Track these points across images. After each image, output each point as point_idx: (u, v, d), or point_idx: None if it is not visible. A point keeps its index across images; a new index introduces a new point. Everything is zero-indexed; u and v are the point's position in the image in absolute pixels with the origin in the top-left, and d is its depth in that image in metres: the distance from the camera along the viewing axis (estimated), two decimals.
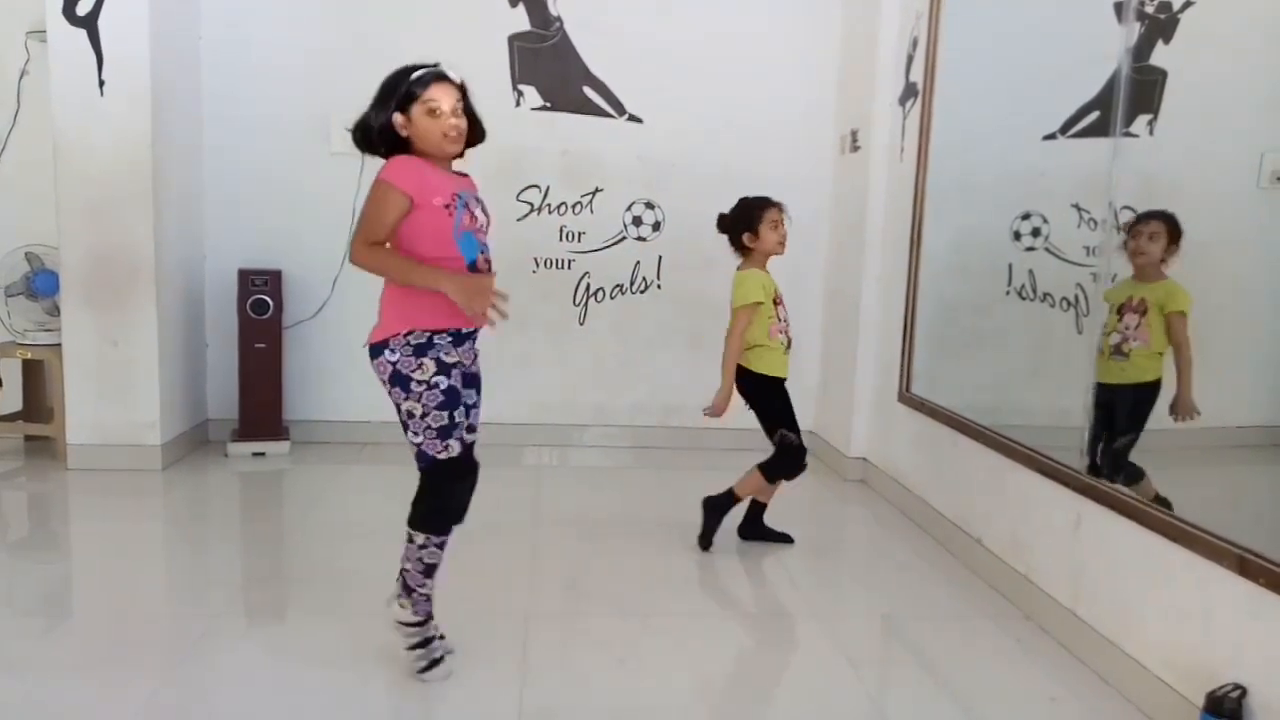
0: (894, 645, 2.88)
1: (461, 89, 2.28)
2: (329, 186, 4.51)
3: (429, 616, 2.37)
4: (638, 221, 4.81)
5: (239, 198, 4.56)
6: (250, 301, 4.34)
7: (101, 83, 3.91)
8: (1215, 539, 2.11)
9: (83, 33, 3.88)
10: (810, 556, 3.38)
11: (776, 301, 3.28)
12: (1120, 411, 2.94)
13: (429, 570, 2.32)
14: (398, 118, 2.22)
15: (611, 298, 4.85)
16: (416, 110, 2.21)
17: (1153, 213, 2.80)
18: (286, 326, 4.53)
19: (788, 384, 3.34)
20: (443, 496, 2.28)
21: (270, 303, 4.35)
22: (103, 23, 3.88)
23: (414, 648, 2.35)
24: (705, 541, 3.37)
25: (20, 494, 4.08)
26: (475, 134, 2.33)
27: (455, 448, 2.25)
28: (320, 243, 4.57)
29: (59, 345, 4.13)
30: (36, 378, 4.44)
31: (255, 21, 4.48)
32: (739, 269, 3.30)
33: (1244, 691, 1.98)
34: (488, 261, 2.34)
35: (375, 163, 2.29)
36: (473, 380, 2.40)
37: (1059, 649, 2.66)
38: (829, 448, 4.62)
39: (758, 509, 3.45)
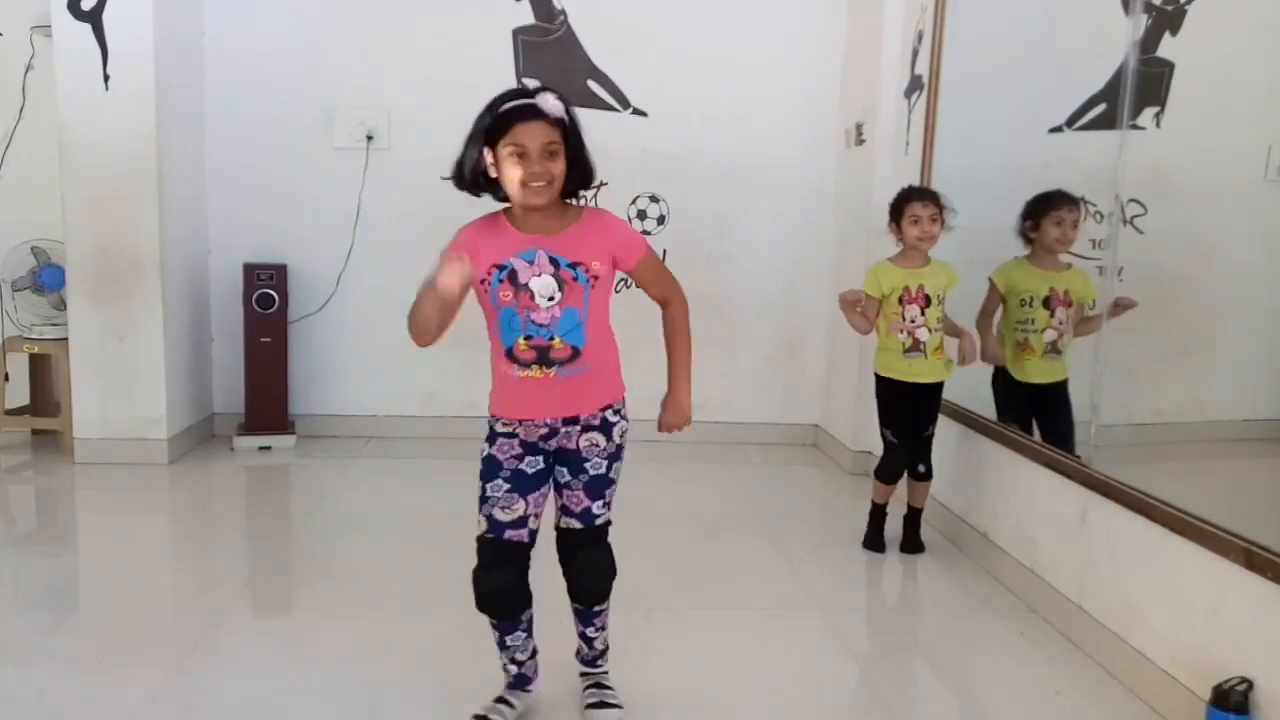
0: (897, 638, 2.88)
1: (563, 123, 1.89)
2: (334, 181, 4.51)
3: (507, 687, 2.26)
4: (642, 215, 4.80)
5: (243, 192, 4.55)
6: (256, 296, 4.34)
7: (106, 77, 3.91)
8: (1222, 532, 2.11)
9: (87, 27, 3.88)
10: (813, 549, 3.37)
11: (904, 300, 3.13)
12: (1057, 410, 2.97)
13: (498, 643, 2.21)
14: (487, 155, 1.90)
15: (617, 292, 4.81)
16: (502, 150, 1.86)
17: (1071, 196, 2.83)
18: (292, 321, 4.53)
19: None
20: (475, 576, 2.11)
21: (276, 297, 4.35)
22: (107, 17, 3.88)
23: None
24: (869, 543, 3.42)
25: (27, 488, 4.10)
26: (580, 175, 1.96)
27: (483, 524, 2.07)
28: (326, 237, 4.57)
29: (65, 340, 4.14)
30: (43, 372, 4.45)
31: (258, 16, 4.46)
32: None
33: (1250, 685, 1.98)
34: (538, 349, 1.97)
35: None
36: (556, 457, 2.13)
37: (1064, 642, 2.66)
38: (832, 440, 4.62)
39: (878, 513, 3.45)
